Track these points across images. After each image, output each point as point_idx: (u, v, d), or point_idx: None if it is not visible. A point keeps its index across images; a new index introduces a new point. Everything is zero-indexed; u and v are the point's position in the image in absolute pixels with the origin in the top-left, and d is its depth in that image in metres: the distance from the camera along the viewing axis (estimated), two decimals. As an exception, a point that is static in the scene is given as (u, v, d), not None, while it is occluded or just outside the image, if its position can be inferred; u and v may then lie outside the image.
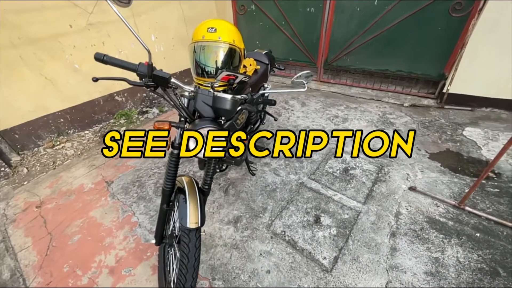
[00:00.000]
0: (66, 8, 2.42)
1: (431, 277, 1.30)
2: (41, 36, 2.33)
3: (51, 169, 2.36)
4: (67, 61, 2.56)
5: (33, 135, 2.54)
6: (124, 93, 3.16)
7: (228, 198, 1.88)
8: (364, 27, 3.05)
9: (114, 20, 2.78)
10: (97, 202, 1.93)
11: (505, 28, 2.27)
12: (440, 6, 2.54)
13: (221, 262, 1.45)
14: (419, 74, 2.99)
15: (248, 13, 3.85)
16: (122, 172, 2.23)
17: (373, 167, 2.07)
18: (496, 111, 2.65)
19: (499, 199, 1.71)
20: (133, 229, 1.68)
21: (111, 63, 0.88)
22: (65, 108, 2.69)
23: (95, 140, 2.77)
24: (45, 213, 1.86)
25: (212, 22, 1.13)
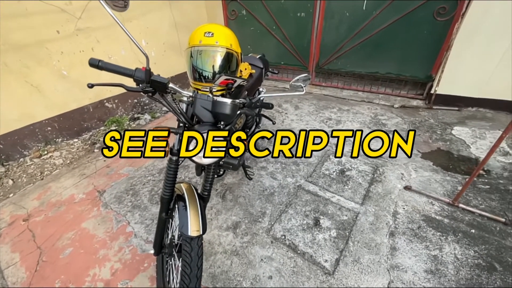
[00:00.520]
0: (53, 14, 2.36)
1: (431, 275, 1.32)
2: (26, 42, 2.25)
3: (38, 179, 2.26)
4: (54, 67, 2.49)
5: (19, 144, 2.43)
6: (114, 99, 3.09)
7: (225, 203, 1.85)
8: (353, 31, 3.12)
9: (104, 25, 2.73)
10: (89, 212, 1.86)
11: (487, 31, 2.38)
12: (425, 11, 2.64)
13: (221, 269, 1.41)
14: (408, 76, 3.08)
15: (239, 18, 3.88)
16: (114, 181, 2.16)
17: (368, 168, 2.10)
18: (481, 110, 2.76)
19: (490, 195, 1.76)
20: (129, 240, 1.63)
21: (106, 68, 0.86)
22: (53, 116, 2.60)
23: (85, 149, 2.69)
24: (33, 227, 1.77)
25: (209, 27, 1.12)
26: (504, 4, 2.23)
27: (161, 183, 2.09)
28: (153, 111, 3.41)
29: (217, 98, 0.97)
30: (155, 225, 1.69)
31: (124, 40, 2.96)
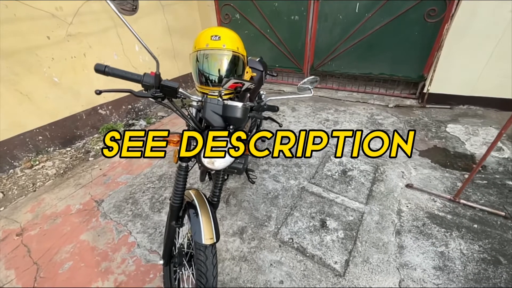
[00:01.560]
0: (43, 19, 2.28)
1: (440, 272, 1.33)
2: (15, 49, 2.17)
3: (30, 191, 2.15)
4: (45, 74, 2.40)
5: (8, 155, 2.32)
6: (108, 106, 3.01)
7: (230, 208, 1.82)
8: (347, 34, 3.18)
9: (96, 30, 2.67)
10: (88, 224, 1.79)
11: (475, 32, 2.47)
12: (416, 13, 2.72)
13: (231, 277, 1.38)
14: (401, 76, 3.15)
15: (233, 22, 3.88)
16: (112, 190, 2.09)
17: (369, 167, 2.12)
18: (472, 108, 2.85)
19: (488, 190, 1.81)
20: (132, 250, 1.57)
21: (113, 74, 0.83)
22: (44, 124, 2.50)
23: (78, 157, 2.60)
24: (28, 241, 1.68)
25: (215, 30, 1.11)
26: (491, 4, 2.32)
27: (161, 190, 2.04)
28: (148, 117, 3.34)
29: (227, 102, 0.95)
30: (158, 234, 1.66)
31: (116, 44, 2.90)
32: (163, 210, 1.84)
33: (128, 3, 0.73)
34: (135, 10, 0.77)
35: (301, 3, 3.24)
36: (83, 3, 2.52)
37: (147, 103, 3.50)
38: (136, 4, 0.75)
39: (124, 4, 0.73)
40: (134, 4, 0.75)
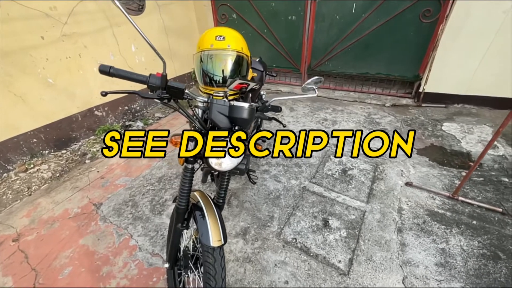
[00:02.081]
0: (37, 19, 2.23)
1: (442, 268, 1.35)
2: (8, 49, 2.11)
3: (26, 195, 2.10)
4: (39, 75, 2.34)
5: (2, 159, 2.26)
6: (104, 107, 2.96)
7: (232, 209, 1.82)
8: (343, 34, 3.20)
9: (91, 30, 2.62)
10: (87, 227, 1.75)
11: (469, 32, 2.52)
12: (411, 13, 2.76)
13: (235, 278, 1.38)
14: (397, 76, 3.19)
15: (229, 22, 3.87)
16: (111, 193, 2.06)
17: (369, 166, 2.14)
18: (466, 107, 2.91)
19: (485, 187, 1.85)
20: (133, 254, 1.55)
21: (118, 75, 0.81)
22: (39, 126, 2.44)
23: (75, 160, 2.54)
24: (25, 247, 1.64)
25: (219, 30, 1.10)
26: (484, 5, 2.37)
27: (161, 192, 2.01)
28: (145, 118, 3.30)
29: (234, 103, 0.94)
30: (160, 237, 1.64)
31: (112, 44, 2.85)
32: (164, 212, 1.82)
33: (134, 3, 0.71)
34: (142, 9, 0.76)
35: (298, 3, 3.25)
36: (78, 3, 2.47)
37: (144, 104, 3.45)
38: (142, 4, 0.74)
39: (130, 4, 0.72)
40: (140, 3, 0.74)
